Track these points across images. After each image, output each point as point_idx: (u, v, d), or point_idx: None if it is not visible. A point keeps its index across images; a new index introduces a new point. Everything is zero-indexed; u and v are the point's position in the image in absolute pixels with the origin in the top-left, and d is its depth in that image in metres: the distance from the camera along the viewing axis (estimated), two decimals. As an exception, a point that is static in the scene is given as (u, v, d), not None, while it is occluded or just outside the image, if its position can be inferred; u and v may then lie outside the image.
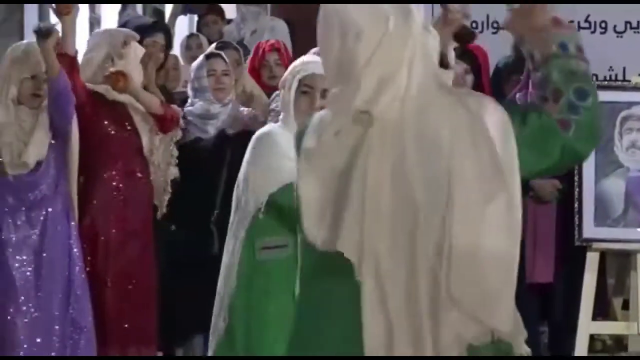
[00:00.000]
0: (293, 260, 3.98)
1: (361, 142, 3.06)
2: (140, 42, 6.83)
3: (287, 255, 4.35)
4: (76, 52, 6.21)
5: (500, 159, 3.06)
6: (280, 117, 4.66)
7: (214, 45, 7.58)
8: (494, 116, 3.11)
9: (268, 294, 4.48)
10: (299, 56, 5.50)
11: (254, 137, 4.62)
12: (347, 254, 2.99)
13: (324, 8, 3.12)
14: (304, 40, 7.61)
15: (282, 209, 4.37)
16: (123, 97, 6.43)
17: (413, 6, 3.18)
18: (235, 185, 4.67)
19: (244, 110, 7.04)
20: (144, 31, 7.37)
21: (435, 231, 3.00)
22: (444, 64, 3.53)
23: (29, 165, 5.95)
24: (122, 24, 8.30)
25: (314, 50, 4.93)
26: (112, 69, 6.37)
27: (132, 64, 6.43)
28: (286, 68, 6.93)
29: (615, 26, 8.36)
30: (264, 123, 6.06)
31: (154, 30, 7.73)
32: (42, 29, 5.94)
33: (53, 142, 6.06)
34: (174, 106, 6.51)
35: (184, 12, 9.62)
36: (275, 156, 4.45)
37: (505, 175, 3.06)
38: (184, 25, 9.83)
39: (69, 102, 5.97)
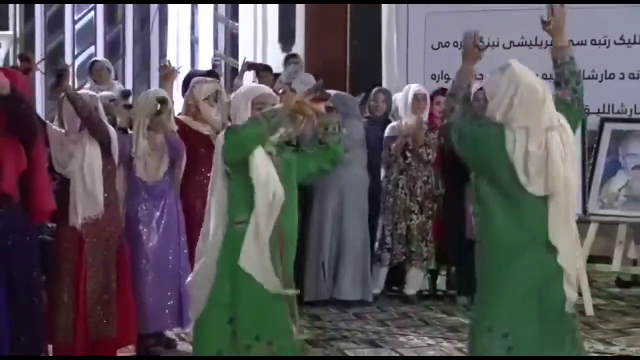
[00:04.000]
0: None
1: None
2: None
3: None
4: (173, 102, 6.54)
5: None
6: None
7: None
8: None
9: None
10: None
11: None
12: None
13: (516, 76, 4.27)
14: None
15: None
16: (197, 126, 6.68)
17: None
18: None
19: None
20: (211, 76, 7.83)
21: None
22: None
23: (160, 178, 6.20)
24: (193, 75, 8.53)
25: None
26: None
27: (199, 101, 6.73)
28: None
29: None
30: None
31: (208, 76, 7.89)
32: (160, 109, 6.15)
33: None
34: None
35: (249, 70, 9.60)
36: None
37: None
38: (250, 78, 10.21)
39: (181, 151, 6.28)
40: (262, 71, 9.61)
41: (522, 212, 4.33)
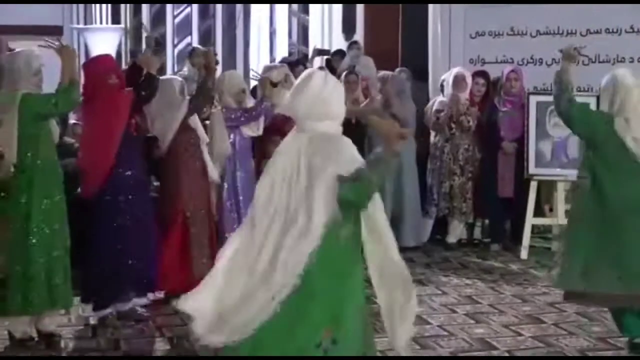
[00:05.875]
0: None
1: None
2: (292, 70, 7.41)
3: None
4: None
5: None
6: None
7: (345, 72, 8.28)
8: None
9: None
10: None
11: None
12: None
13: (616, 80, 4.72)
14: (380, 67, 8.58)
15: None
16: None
17: None
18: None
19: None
20: (291, 64, 8.13)
21: None
22: None
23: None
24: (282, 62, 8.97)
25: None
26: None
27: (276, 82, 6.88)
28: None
29: (546, 61, 8.43)
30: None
31: (297, 63, 8.44)
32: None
33: None
34: None
35: (318, 55, 10.00)
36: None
37: None
38: (318, 62, 10.37)
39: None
40: (335, 54, 9.98)
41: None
